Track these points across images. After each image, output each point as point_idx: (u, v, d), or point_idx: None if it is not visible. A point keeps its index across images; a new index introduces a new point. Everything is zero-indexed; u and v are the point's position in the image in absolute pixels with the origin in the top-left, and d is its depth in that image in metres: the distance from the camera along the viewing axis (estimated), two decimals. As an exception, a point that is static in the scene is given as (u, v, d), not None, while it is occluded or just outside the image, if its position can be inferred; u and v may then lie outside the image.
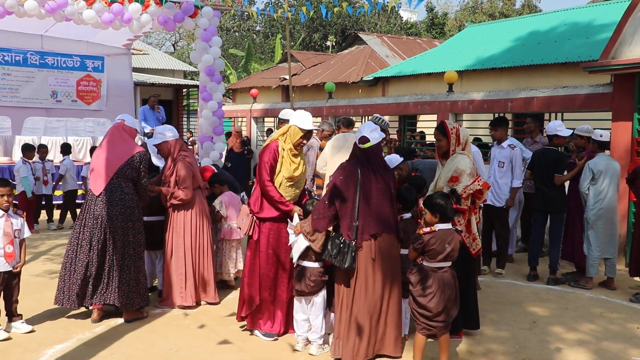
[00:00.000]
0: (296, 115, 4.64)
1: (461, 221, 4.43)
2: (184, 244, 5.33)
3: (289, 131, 4.59)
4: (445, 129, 4.54)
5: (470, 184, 4.40)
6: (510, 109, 8.73)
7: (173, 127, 5.58)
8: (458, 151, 4.54)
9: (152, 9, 9.03)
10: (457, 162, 4.46)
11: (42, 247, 7.92)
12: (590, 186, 6.18)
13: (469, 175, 4.41)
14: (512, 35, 13.17)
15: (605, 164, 6.14)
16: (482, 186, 4.43)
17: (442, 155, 4.65)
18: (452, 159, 4.52)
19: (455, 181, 4.40)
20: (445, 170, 4.52)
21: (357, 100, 11.92)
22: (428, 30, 32.49)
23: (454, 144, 4.53)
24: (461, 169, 4.42)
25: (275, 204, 4.51)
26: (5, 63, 12.97)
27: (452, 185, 4.38)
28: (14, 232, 4.61)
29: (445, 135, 4.55)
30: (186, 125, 19.78)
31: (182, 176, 5.27)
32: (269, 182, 4.51)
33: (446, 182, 4.44)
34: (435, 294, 3.84)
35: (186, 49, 39.90)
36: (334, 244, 4.10)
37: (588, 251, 6.23)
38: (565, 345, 4.63)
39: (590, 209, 6.19)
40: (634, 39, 7.13)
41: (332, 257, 4.09)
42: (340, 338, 4.15)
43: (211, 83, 9.91)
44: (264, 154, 4.57)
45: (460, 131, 4.54)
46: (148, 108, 13.62)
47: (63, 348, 4.40)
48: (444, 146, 4.57)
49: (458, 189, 4.36)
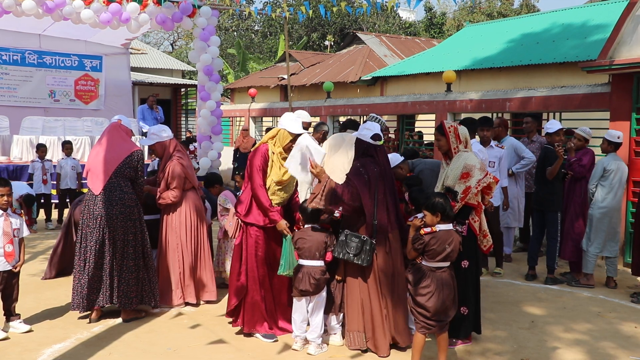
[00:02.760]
0: (286, 118, 4.58)
1: (475, 218, 4.45)
2: (180, 244, 5.33)
3: (279, 135, 4.56)
4: (443, 129, 4.57)
5: (482, 177, 4.39)
6: (509, 108, 8.74)
7: (167, 128, 5.56)
8: (462, 149, 4.53)
9: (151, 9, 9.02)
10: (465, 159, 4.43)
11: (40, 246, 7.92)
12: (598, 184, 6.21)
13: (480, 169, 4.40)
14: (511, 35, 13.17)
15: (616, 164, 6.19)
16: (493, 179, 4.46)
17: (444, 155, 4.65)
18: (458, 156, 4.49)
19: (466, 177, 4.36)
20: (453, 168, 4.46)
21: (355, 100, 11.92)
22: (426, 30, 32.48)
23: (455, 142, 4.52)
24: (471, 164, 4.40)
25: (265, 211, 4.47)
26: (3, 62, 12.95)
27: (465, 182, 4.34)
28: (13, 231, 4.62)
29: (443, 135, 4.56)
30: (184, 125, 19.76)
31: (172, 177, 5.25)
32: (262, 187, 4.48)
33: (456, 179, 4.38)
34: (433, 294, 3.85)
35: (184, 48, 39.85)
36: (352, 244, 4.21)
37: (587, 247, 6.25)
38: (564, 345, 4.64)
39: (596, 207, 6.22)
40: (632, 39, 7.14)
41: (353, 256, 4.21)
42: (362, 331, 4.32)
43: (209, 82, 9.91)
44: (254, 158, 4.52)
45: (459, 130, 4.54)
46: (147, 107, 13.62)
47: (61, 348, 4.40)
48: (444, 145, 4.57)
49: (471, 183, 4.33)
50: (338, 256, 4.27)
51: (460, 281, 4.24)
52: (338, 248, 4.26)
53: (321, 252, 4.36)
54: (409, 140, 11.22)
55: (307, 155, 4.36)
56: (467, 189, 4.35)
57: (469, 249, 4.38)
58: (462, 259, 4.34)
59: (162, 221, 5.41)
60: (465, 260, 4.40)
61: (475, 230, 4.48)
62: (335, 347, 4.48)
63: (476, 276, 4.57)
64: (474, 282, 4.53)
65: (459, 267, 4.34)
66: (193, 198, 5.42)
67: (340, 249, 4.25)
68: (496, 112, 9.03)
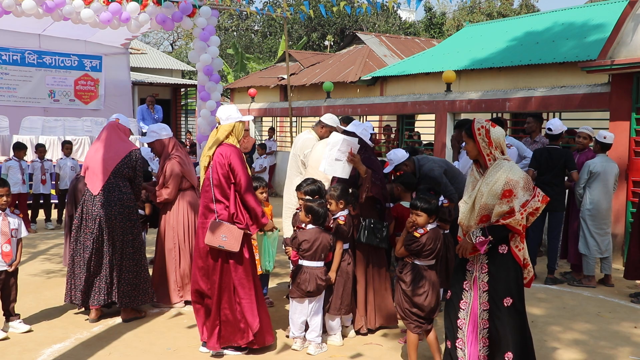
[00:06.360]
0: (231, 111, 4.30)
1: (520, 246, 3.55)
2: (177, 243, 5.32)
3: (234, 129, 4.27)
4: (472, 130, 3.60)
5: (529, 199, 3.48)
6: (508, 108, 8.75)
7: (167, 126, 5.56)
8: (498, 156, 3.55)
9: (150, 9, 9.02)
10: (507, 172, 3.47)
11: (40, 246, 7.91)
12: (586, 186, 6.23)
13: (524, 188, 3.47)
14: (510, 35, 13.16)
15: (602, 165, 6.21)
16: (542, 202, 3.49)
17: (475, 162, 3.70)
18: (497, 167, 3.52)
19: (508, 196, 3.44)
20: (489, 182, 3.49)
21: (355, 100, 11.92)
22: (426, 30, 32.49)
23: (486, 147, 3.54)
24: (514, 179, 3.45)
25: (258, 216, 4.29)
26: (3, 62, 12.95)
27: (509, 203, 3.45)
28: (11, 231, 4.62)
29: (471, 137, 3.60)
30: (184, 125, 19.75)
31: (167, 175, 5.25)
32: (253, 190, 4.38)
33: (497, 198, 3.46)
34: (428, 292, 3.90)
35: (184, 48, 39.83)
36: (379, 228, 4.61)
37: (585, 250, 6.28)
38: (563, 345, 4.64)
39: (585, 209, 6.27)
40: (632, 39, 7.14)
41: (380, 241, 4.62)
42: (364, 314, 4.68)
43: (209, 82, 9.90)
44: (238, 159, 4.17)
45: (492, 132, 3.55)
46: (146, 107, 13.62)
47: (61, 348, 4.40)
48: (472, 150, 3.63)
49: (515, 206, 3.44)
50: (371, 243, 4.58)
51: (504, 322, 3.51)
52: (370, 235, 4.57)
53: (325, 253, 4.38)
54: (409, 140, 11.22)
55: (344, 148, 4.55)
56: (510, 212, 3.45)
57: (512, 282, 3.54)
58: (505, 295, 3.52)
59: (160, 220, 5.41)
60: (509, 297, 3.53)
61: (519, 259, 3.56)
62: (335, 347, 4.48)
63: (522, 315, 3.57)
64: (519, 324, 3.56)
65: (500, 305, 3.52)
66: (191, 197, 5.41)
67: (372, 235, 4.58)
68: (496, 112, 9.03)
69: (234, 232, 4.12)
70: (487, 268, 3.58)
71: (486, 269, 3.58)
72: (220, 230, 4.09)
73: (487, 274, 3.58)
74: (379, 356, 4.35)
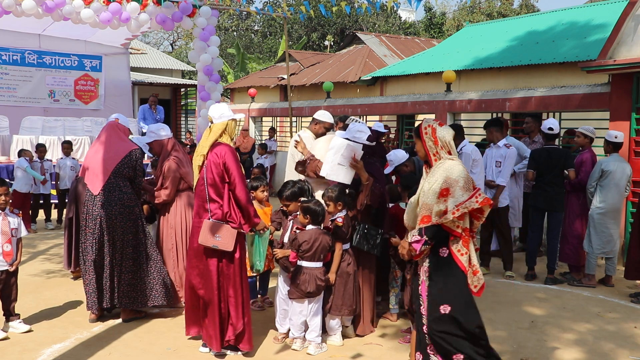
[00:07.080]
0: (223, 109, 4.31)
1: (463, 250, 3.35)
2: (175, 244, 5.32)
3: (227, 128, 4.29)
4: (419, 130, 3.53)
5: (464, 200, 3.30)
6: (508, 108, 8.75)
7: (167, 126, 5.55)
8: (444, 155, 3.45)
9: (150, 8, 9.02)
10: (447, 170, 3.36)
11: (40, 246, 7.91)
12: (597, 185, 6.21)
13: (463, 188, 3.32)
14: (510, 35, 13.16)
15: (615, 165, 6.18)
16: (482, 204, 3.29)
17: (425, 163, 3.60)
18: (438, 166, 3.42)
19: (445, 195, 3.31)
20: (430, 180, 3.40)
21: (355, 100, 11.92)
22: (426, 30, 32.50)
23: (433, 146, 3.45)
24: (453, 178, 3.33)
25: (251, 215, 4.28)
26: (3, 62, 12.96)
27: (445, 201, 3.32)
28: (11, 230, 4.62)
29: (418, 137, 3.52)
30: (184, 125, 19.76)
31: (165, 176, 5.25)
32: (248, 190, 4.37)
33: (435, 196, 3.33)
34: None
35: (184, 48, 39.82)
36: (372, 235, 4.50)
37: (588, 248, 6.27)
38: (563, 345, 4.64)
39: (595, 208, 6.23)
40: (632, 38, 7.14)
41: (371, 248, 4.52)
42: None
43: (209, 82, 9.91)
44: (233, 159, 4.18)
45: (438, 131, 3.46)
46: (148, 107, 13.60)
47: (61, 347, 4.40)
48: (420, 150, 3.55)
49: (448, 206, 3.31)
50: (361, 248, 4.49)
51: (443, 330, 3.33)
52: (361, 240, 4.46)
53: (324, 254, 4.38)
54: (409, 141, 11.22)
55: (347, 154, 4.51)
56: (445, 212, 3.31)
57: (452, 289, 3.35)
58: (442, 302, 3.33)
59: (158, 221, 5.41)
60: (446, 305, 3.33)
61: (462, 265, 3.34)
62: (335, 347, 4.48)
63: (462, 326, 3.32)
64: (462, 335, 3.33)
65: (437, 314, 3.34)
66: (189, 198, 5.40)
67: (364, 241, 4.47)
68: (496, 112, 9.03)
69: (228, 231, 4.14)
70: (429, 272, 3.43)
71: (428, 273, 3.43)
72: (214, 230, 4.11)
73: (428, 278, 3.42)
74: (379, 356, 4.35)
